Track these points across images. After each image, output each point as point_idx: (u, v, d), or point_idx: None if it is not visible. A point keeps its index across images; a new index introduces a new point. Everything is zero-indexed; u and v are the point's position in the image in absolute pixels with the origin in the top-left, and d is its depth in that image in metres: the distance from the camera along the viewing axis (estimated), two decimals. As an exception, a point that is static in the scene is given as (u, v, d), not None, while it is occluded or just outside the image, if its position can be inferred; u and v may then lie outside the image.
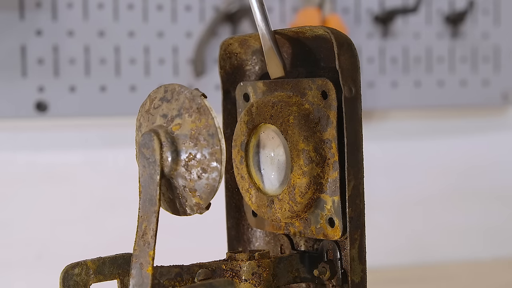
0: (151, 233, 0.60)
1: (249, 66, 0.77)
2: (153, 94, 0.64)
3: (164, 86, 0.63)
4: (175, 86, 0.62)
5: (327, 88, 0.68)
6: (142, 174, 0.61)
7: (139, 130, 0.64)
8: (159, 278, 0.65)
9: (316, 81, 0.69)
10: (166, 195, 0.64)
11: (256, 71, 0.77)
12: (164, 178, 0.62)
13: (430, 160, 1.50)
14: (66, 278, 0.63)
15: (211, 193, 0.62)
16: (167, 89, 0.63)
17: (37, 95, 1.26)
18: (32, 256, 1.30)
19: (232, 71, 0.77)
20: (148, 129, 0.62)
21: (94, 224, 1.32)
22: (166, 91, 0.63)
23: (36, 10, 1.25)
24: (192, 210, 0.63)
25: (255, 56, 0.77)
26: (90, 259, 0.65)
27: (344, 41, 0.67)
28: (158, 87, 0.63)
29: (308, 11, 1.35)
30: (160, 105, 0.63)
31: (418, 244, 1.49)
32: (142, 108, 0.65)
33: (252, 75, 0.77)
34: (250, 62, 0.77)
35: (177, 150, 0.61)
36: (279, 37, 0.73)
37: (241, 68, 0.77)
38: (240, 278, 0.68)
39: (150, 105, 0.64)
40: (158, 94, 0.63)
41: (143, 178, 0.61)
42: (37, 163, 1.30)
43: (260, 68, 0.77)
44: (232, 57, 0.77)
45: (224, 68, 0.77)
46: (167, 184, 0.63)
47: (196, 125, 0.61)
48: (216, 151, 0.60)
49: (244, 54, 0.77)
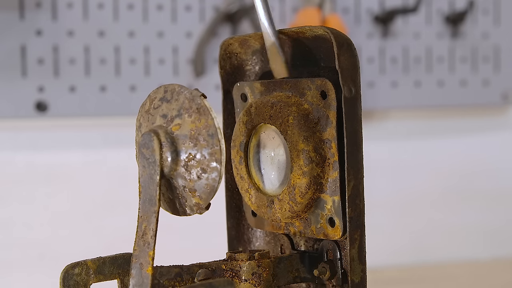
0: (151, 233, 0.60)
1: (249, 66, 0.78)
2: (153, 94, 0.64)
3: (164, 86, 0.63)
4: (175, 86, 0.62)
5: (326, 88, 0.68)
6: (142, 174, 0.61)
7: (139, 130, 0.65)
8: (159, 278, 0.65)
9: (315, 81, 0.69)
10: (166, 195, 0.64)
11: (256, 71, 0.77)
12: (164, 178, 0.62)
13: (430, 160, 1.50)
14: (66, 278, 0.63)
15: (211, 193, 0.62)
16: (167, 89, 0.63)
17: (37, 95, 1.26)
18: (33, 256, 1.30)
19: (232, 71, 0.77)
20: (148, 130, 0.62)
21: (94, 224, 1.32)
22: (166, 91, 0.63)
23: (36, 10, 1.25)
24: (192, 210, 0.63)
25: (255, 56, 0.77)
26: (90, 259, 0.65)
27: (344, 41, 0.67)
28: (158, 87, 0.63)
29: (308, 11, 1.35)
30: (160, 105, 0.63)
31: (418, 244, 1.49)
32: (142, 108, 0.65)
33: (252, 75, 0.77)
34: (250, 62, 0.77)
35: (176, 150, 0.61)
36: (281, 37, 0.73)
37: (241, 68, 0.77)
38: (240, 278, 0.68)
39: (150, 105, 0.64)
40: (158, 94, 0.63)
41: (143, 178, 0.61)
42: (37, 163, 1.30)
43: (260, 68, 0.77)
44: (232, 57, 0.77)
45: (224, 68, 0.77)
46: (167, 184, 0.63)
47: (195, 125, 0.61)
48: (216, 151, 0.60)
49: (244, 54, 0.77)
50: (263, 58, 0.76)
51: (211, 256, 0.74)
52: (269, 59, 0.71)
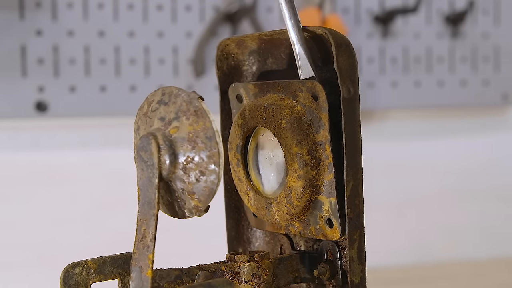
0: (150, 236, 0.60)
1: (246, 66, 0.77)
2: (150, 97, 0.64)
3: (162, 88, 0.63)
4: (173, 89, 0.62)
5: (316, 90, 0.68)
6: (140, 177, 0.61)
7: (137, 133, 0.64)
8: (159, 281, 0.65)
9: (305, 83, 0.69)
10: (165, 198, 0.64)
11: (253, 72, 0.77)
12: (162, 181, 0.62)
13: (430, 160, 1.50)
14: (67, 277, 0.63)
15: (210, 195, 0.62)
16: (165, 92, 0.63)
17: (37, 95, 1.26)
18: (32, 256, 1.30)
19: (229, 71, 0.77)
20: (146, 132, 0.62)
21: (94, 224, 1.32)
22: (164, 94, 0.63)
23: (36, 10, 1.25)
24: (191, 213, 0.63)
25: (252, 57, 0.77)
26: (90, 259, 0.65)
27: (342, 41, 0.67)
28: (156, 90, 0.63)
29: (308, 11, 1.35)
30: (157, 108, 0.63)
31: (417, 244, 1.49)
32: (140, 111, 0.65)
33: (249, 75, 0.77)
34: (247, 63, 0.77)
35: (175, 153, 0.61)
36: (278, 37, 0.73)
37: (238, 69, 0.77)
38: (240, 279, 0.68)
39: (147, 108, 0.64)
40: (156, 97, 0.63)
41: (141, 181, 0.61)
42: (37, 163, 1.30)
43: (257, 68, 0.77)
44: (229, 57, 0.77)
45: (221, 68, 0.77)
46: (166, 187, 0.63)
47: (193, 128, 0.61)
48: (214, 153, 0.60)
49: (241, 54, 0.77)
50: (260, 59, 0.76)
51: (211, 258, 0.74)
52: (297, 64, 0.70)
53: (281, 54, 0.74)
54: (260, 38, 0.74)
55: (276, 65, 0.76)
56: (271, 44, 0.74)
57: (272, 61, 0.76)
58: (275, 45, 0.74)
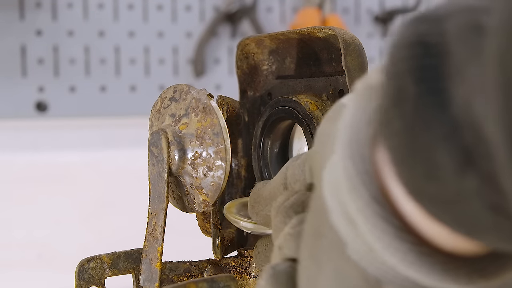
0: (159, 229, 0.60)
1: (266, 66, 0.77)
2: (163, 94, 0.65)
3: (174, 86, 0.64)
4: (184, 87, 0.63)
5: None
6: (151, 172, 0.62)
7: (151, 129, 0.65)
8: (168, 273, 0.65)
9: None
10: (176, 193, 0.64)
11: (273, 71, 0.77)
12: (172, 176, 0.62)
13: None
14: (82, 271, 0.64)
15: (217, 190, 0.62)
16: (176, 89, 0.64)
17: (37, 95, 1.26)
18: (32, 255, 1.30)
19: (249, 71, 0.77)
20: (157, 128, 0.63)
21: (93, 223, 1.32)
22: (175, 91, 0.64)
23: (36, 10, 1.25)
24: (200, 207, 0.63)
25: (271, 56, 0.77)
26: (105, 254, 0.65)
27: (351, 41, 0.67)
28: (169, 87, 0.64)
29: (308, 11, 1.35)
30: (169, 104, 0.64)
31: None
32: (153, 108, 0.66)
33: (269, 74, 0.78)
34: (267, 62, 0.77)
35: (183, 148, 0.62)
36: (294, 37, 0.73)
37: (258, 68, 0.78)
38: (250, 274, 0.68)
39: (160, 104, 0.64)
40: (168, 94, 0.64)
41: (152, 176, 0.62)
42: (37, 163, 1.30)
43: (277, 68, 0.77)
44: (249, 57, 0.77)
45: (241, 68, 0.77)
46: (176, 181, 0.63)
47: (202, 124, 0.62)
48: (221, 149, 0.61)
49: (260, 54, 0.77)
50: (279, 58, 0.76)
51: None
52: None
53: (298, 54, 0.74)
54: (277, 38, 0.74)
55: (294, 64, 0.76)
56: (288, 44, 0.75)
57: (290, 60, 0.76)
58: (291, 45, 0.74)
